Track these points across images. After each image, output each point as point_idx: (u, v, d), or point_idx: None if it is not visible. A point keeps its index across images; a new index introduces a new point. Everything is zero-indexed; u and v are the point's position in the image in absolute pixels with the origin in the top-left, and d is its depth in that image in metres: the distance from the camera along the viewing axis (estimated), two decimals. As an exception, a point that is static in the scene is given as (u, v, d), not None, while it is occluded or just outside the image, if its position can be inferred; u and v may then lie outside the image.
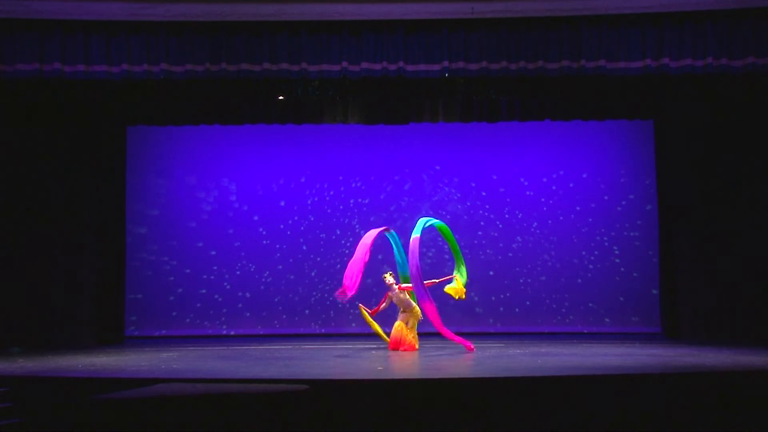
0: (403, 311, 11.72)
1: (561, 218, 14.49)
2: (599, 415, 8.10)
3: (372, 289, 14.11)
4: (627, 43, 11.03)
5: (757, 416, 8.22)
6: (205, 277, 14.46)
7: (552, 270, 14.44)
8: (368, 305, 12.02)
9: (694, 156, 12.75)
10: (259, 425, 7.68)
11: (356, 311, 13.83)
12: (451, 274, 11.87)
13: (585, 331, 14.16)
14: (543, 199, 14.53)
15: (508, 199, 14.58)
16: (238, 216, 14.58)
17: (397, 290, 11.67)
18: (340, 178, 14.65)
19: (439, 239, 14.53)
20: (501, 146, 14.60)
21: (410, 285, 11.47)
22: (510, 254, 14.53)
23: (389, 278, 11.76)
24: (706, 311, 12.52)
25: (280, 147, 14.60)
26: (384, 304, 11.81)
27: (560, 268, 14.43)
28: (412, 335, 11.65)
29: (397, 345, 11.56)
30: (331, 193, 14.65)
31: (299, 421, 7.75)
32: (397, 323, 11.72)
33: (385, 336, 11.92)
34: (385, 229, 11.86)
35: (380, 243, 14.54)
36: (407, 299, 11.68)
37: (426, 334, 12.53)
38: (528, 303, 14.47)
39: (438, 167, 14.67)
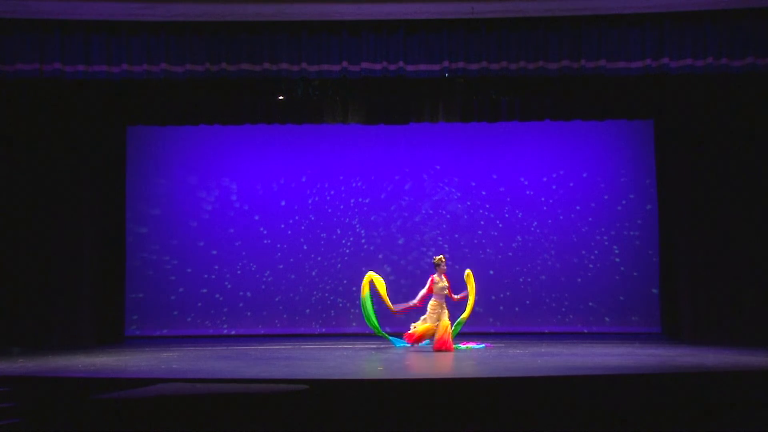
0: (437, 302, 11.58)
1: (561, 218, 14.49)
2: (599, 415, 8.10)
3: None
4: (627, 43, 11.03)
5: (757, 416, 8.22)
6: (206, 276, 14.47)
7: (552, 270, 14.44)
8: (378, 301, 12.06)
9: (694, 156, 12.74)
10: (259, 425, 7.68)
11: (356, 311, 13.87)
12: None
13: (585, 331, 14.17)
14: (543, 199, 14.53)
15: (508, 199, 14.57)
16: (239, 216, 14.58)
17: (444, 277, 11.66)
18: (341, 177, 14.65)
19: (439, 239, 14.55)
20: (501, 146, 14.60)
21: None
22: (510, 254, 14.53)
23: (444, 261, 11.77)
24: (706, 311, 12.51)
25: (280, 147, 14.59)
26: (425, 290, 11.71)
27: (560, 267, 14.43)
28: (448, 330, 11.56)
29: (444, 345, 11.37)
30: (332, 192, 14.65)
31: (299, 421, 7.74)
32: (442, 322, 11.51)
33: (385, 334, 11.96)
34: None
35: (381, 243, 14.60)
36: (446, 288, 11.66)
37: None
38: (528, 303, 14.47)
39: (438, 167, 14.67)
